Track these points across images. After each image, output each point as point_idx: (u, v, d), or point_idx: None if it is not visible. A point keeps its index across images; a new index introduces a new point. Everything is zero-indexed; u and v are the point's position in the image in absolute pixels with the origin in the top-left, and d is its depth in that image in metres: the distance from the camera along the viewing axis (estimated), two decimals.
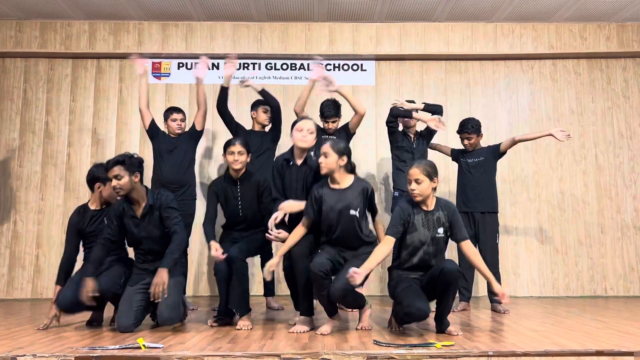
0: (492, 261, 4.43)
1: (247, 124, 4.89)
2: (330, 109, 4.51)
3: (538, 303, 5.06)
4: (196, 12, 5.79)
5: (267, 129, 4.84)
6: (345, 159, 3.40)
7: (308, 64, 6.08)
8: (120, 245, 3.71)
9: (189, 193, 4.68)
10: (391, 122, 4.76)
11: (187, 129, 4.80)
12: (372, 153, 5.97)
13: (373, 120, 5.97)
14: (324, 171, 3.42)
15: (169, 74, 6.06)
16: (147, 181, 4.21)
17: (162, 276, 3.28)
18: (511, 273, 5.80)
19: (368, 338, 3.04)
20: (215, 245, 3.59)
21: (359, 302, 3.41)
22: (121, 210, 3.51)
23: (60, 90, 5.99)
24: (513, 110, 6.09)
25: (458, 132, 4.70)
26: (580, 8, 5.67)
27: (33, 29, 5.91)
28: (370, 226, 3.58)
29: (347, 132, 4.49)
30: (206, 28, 6.01)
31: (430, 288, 3.26)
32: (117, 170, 3.37)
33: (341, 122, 4.65)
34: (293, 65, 6.11)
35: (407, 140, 4.77)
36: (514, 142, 4.59)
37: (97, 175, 3.72)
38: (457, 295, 4.62)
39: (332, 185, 3.44)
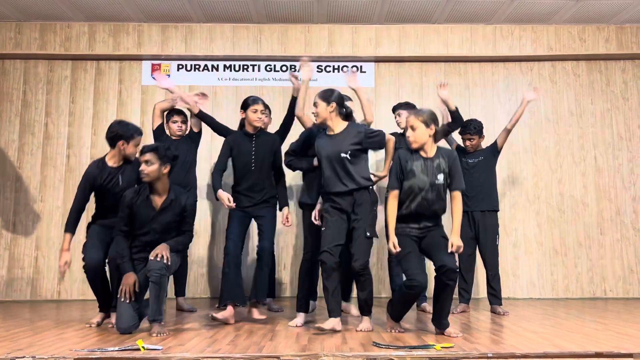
0: (493, 261, 4.46)
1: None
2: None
3: (537, 305, 5.06)
4: (196, 14, 5.80)
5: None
6: (334, 105, 3.54)
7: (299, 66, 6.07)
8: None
9: (191, 195, 4.58)
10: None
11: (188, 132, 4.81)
12: (370, 154, 5.96)
13: (373, 122, 5.96)
14: (318, 120, 3.63)
15: (169, 75, 6.06)
16: None
17: (164, 247, 3.37)
18: (510, 275, 5.80)
19: (367, 340, 3.04)
20: (224, 195, 3.77)
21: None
22: (133, 199, 3.51)
23: (60, 92, 5.99)
24: (512, 112, 6.05)
25: (460, 132, 4.69)
26: (579, 10, 5.68)
27: (33, 30, 5.92)
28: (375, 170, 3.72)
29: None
30: (206, 30, 6.01)
31: (425, 252, 3.38)
32: (149, 156, 3.44)
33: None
34: (292, 66, 6.12)
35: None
36: (508, 132, 4.63)
37: (122, 134, 3.76)
38: (457, 296, 4.67)
39: (328, 132, 3.62)
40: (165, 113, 4.76)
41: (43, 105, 5.96)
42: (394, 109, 4.77)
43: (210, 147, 5.79)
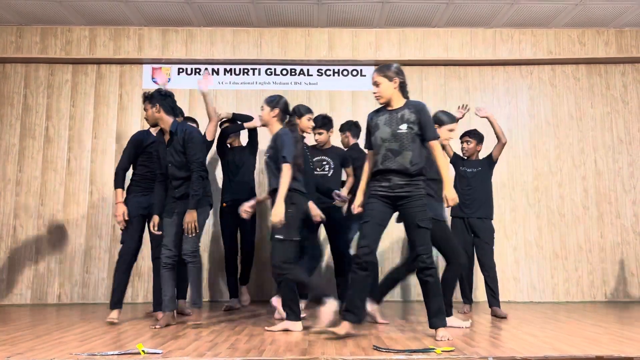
0: (491, 264, 4.52)
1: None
2: (318, 121, 4.61)
3: (538, 308, 5.06)
4: (196, 18, 5.82)
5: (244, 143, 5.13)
6: (276, 111, 3.70)
7: (308, 70, 6.11)
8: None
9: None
10: None
11: None
12: None
13: None
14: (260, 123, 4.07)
15: (169, 79, 6.08)
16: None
17: (192, 216, 3.72)
18: (511, 278, 5.80)
19: (367, 343, 3.04)
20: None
21: None
22: (156, 143, 4.03)
23: (61, 96, 6.00)
24: (512, 116, 6.11)
25: (460, 137, 4.82)
26: (579, 14, 5.70)
27: (34, 34, 5.93)
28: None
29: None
30: (206, 34, 6.03)
31: (405, 226, 3.28)
32: (144, 105, 3.93)
33: (333, 139, 4.78)
34: (293, 70, 6.13)
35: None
36: (502, 145, 4.69)
37: (146, 97, 4.07)
38: (462, 298, 4.74)
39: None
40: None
41: (44, 109, 5.97)
42: (342, 129, 4.92)
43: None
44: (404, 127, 3.24)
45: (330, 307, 3.36)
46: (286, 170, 3.47)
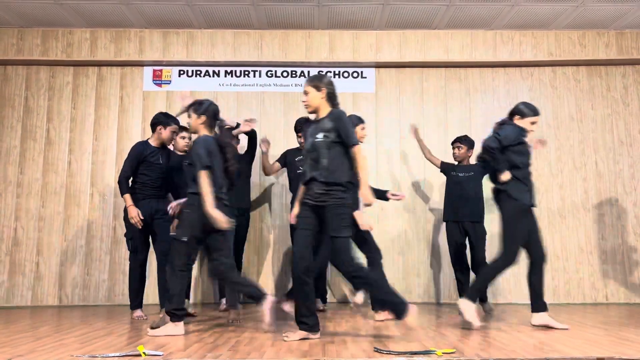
0: (483, 264, 4.77)
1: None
2: (301, 124, 4.82)
3: None
4: (197, 20, 5.83)
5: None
6: (203, 117, 3.64)
7: (308, 72, 6.12)
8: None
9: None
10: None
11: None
12: (372, 163, 5.98)
13: (373, 128, 5.98)
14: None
15: (170, 81, 6.09)
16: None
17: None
18: (512, 280, 5.79)
19: (368, 345, 3.03)
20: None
21: None
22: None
23: (62, 98, 6.01)
24: None
25: (452, 142, 5.13)
26: (580, 15, 5.70)
27: (35, 37, 5.94)
28: None
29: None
30: (207, 36, 6.04)
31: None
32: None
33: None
34: (293, 72, 6.14)
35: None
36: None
37: (160, 120, 4.43)
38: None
39: None
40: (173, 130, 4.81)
41: (45, 111, 5.98)
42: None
43: None
44: (320, 136, 3.28)
45: (267, 304, 3.43)
46: (202, 177, 3.46)
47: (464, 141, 5.01)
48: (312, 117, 3.86)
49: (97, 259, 5.74)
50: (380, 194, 4.61)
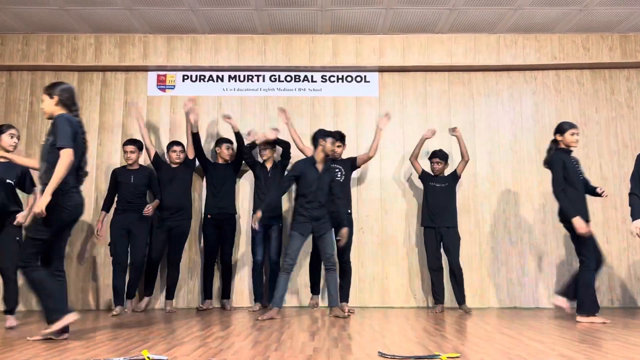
0: (458, 266, 5.26)
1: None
2: (337, 135, 5.27)
3: (544, 314, 5.03)
4: (201, 26, 5.85)
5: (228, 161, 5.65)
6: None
7: (312, 76, 6.13)
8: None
9: (186, 215, 5.50)
10: None
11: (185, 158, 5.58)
12: (375, 167, 5.97)
13: None
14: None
15: (174, 86, 6.11)
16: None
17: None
18: (516, 284, 5.77)
19: (372, 349, 3.03)
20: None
21: None
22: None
23: None
24: (516, 121, 6.10)
25: (430, 157, 5.53)
26: (583, 19, 5.70)
27: (40, 42, 5.98)
28: None
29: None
30: (211, 41, 6.06)
31: None
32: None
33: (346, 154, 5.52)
34: (297, 77, 6.15)
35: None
36: (465, 162, 5.49)
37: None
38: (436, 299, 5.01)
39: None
40: (167, 144, 5.71)
41: None
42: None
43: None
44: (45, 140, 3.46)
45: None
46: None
47: (442, 156, 5.46)
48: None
49: (101, 264, 5.75)
50: (591, 190, 4.67)
